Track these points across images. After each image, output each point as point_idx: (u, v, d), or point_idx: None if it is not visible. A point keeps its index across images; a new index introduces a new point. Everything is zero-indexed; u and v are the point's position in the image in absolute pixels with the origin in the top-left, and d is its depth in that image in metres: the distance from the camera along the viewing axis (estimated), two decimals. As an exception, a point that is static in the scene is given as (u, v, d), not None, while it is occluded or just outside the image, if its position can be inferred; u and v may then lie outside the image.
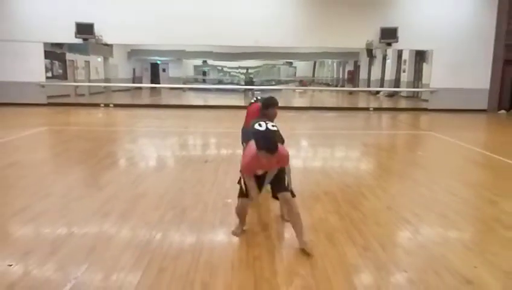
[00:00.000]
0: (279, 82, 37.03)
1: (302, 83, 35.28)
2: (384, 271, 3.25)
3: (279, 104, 4.87)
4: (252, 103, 5.40)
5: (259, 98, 5.51)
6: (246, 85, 26.00)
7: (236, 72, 36.89)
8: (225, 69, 38.81)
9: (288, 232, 3.96)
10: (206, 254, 3.42)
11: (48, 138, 9.87)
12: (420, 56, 21.11)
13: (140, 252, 3.45)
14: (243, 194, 3.73)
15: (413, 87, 21.88)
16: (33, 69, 15.75)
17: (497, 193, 5.49)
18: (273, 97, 4.90)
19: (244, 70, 34.86)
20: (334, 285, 3.03)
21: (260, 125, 3.83)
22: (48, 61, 17.59)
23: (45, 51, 16.29)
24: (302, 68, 41.94)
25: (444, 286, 3.01)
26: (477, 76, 16.01)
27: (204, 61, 36.08)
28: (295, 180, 4.25)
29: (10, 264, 3.21)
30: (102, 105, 16.68)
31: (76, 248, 3.55)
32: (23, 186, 5.46)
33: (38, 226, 4.08)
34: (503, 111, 15.88)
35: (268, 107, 4.75)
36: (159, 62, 33.50)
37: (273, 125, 3.89)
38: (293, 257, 3.47)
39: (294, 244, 3.61)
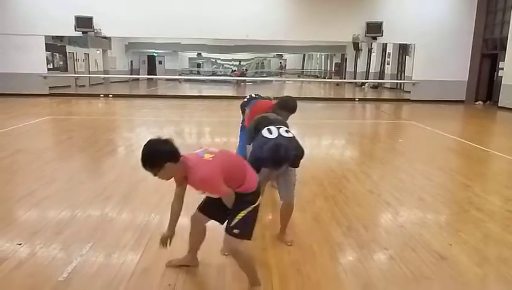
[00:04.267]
0: (269, 74, 36.98)
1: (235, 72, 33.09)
2: (366, 249, 3.34)
3: (271, 95, 4.67)
4: (257, 98, 4.58)
5: (254, 95, 4.83)
6: (239, 76, 26.00)
7: (230, 65, 36.74)
8: (219, 61, 38.60)
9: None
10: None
11: (51, 127, 9.83)
12: (403, 49, 21.19)
13: (141, 233, 3.51)
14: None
15: (396, 79, 21.98)
16: (35, 61, 15.58)
17: (470, 177, 5.63)
18: (294, 99, 4.05)
19: (237, 63, 34.75)
20: (319, 261, 3.12)
21: (270, 132, 3.17)
22: (49, 53, 17.40)
23: (46, 44, 16.10)
24: (292, 61, 41.89)
25: (421, 261, 3.11)
26: (456, 69, 16.15)
27: (199, 54, 35.84)
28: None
29: (19, 243, 3.25)
30: (101, 96, 16.58)
31: (80, 229, 3.60)
32: (29, 171, 5.48)
33: (44, 209, 4.11)
34: (479, 102, 16.05)
35: (283, 109, 3.90)
36: (155, 55, 33.24)
37: (286, 131, 3.26)
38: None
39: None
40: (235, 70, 33.21)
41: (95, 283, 2.72)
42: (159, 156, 2.27)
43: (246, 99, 5.06)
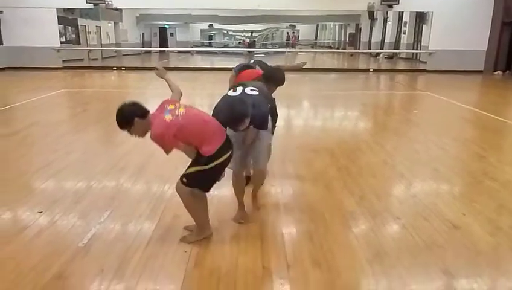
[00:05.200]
0: (282, 45, 36.44)
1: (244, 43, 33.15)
2: (378, 218, 3.36)
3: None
4: (245, 67, 4.03)
5: (252, 62, 4.29)
6: (248, 47, 25.71)
7: (242, 36, 36.27)
8: (230, 32, 38.13)
9: (293, 186, 4.07)
10: (215, 204, 3.53)
11: (65, 100, 9.93)
12: (420, 18, 20.55)
13: (156, 203, 3.57)
14: None
15: (413, 49, 21.41)
16: (48, 34, 15.58)
17: (485, 147, 5.55)
18: (281, 70, 3.69)
19: (249, 34, 34.28)
20: (332, 229, 3.15)
21: (235, 90, 3.00)
22: (61, 26, 17.35)
23: (58, 17, 16.05)
24: (305, 31, 41.10)
25: (434, 231, 3.12)
26: (475, 38, 15.58)
27: (210, 25, 35.40)
28: (296, 138, 4.10)
29: (39, 211, 3.36)
30: (114, 68, 16.59)
31: (97, 198, 3.69)
32: (45, 144, 5.58)
33: (61, 180, 4.21)
34: (498, 72, 15.59)
35: (269, 81, 3.51)
36: (166, 27, 32.92)
37: (252, 89, 2.97)
38: (296, 206, 3.59)
39: (297, 196, 3.71)
40: (241, 41, 32.91)
41: (113, 249, 2.80)
42: (127, 113, 2.62)
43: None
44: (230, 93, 2.99)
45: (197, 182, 2.77)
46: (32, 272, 2.55)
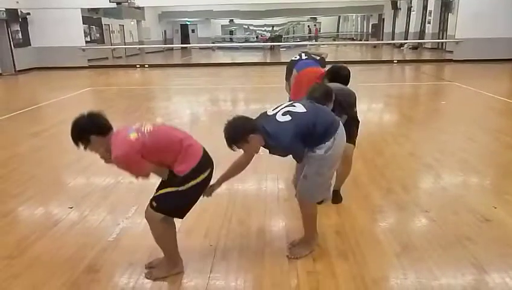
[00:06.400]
0: (303, 38, 36.13)
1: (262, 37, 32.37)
2: (406, 211, 3.30)
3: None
4: (307, 64, 3.72)
5: (305, 56, 4.08)
6: (272, 41, 25.60)
7: (263, 31, 36.12)
8: (251, 27, 38.02)
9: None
10: (241, 197, 3.55)
11: (92, 97, 10.17)
12: (446, 6, 19.97)
13: (182, 197, 3.61)
14: None
15: (438, 39, 20.85)
16: (73, 34, 15.97)
17: (517, 138, 5.36)
18: (346, 68, 3.36)
19: (270, 28, 34.13)
20: (359, 223, 3.12)
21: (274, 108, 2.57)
22: (86, 26, 17.72)
23: (83, 17, 16.39)
24: (327, 24, 40.60)
25: (463, 223, 3.04)
26: (504, 24, 14.98)
27: (231, 21, 35.39)
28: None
29: (70, 207, 3.46)
30: (138, 66, 16.84)
31: (124, 193, 3.77)
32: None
33: (90, 176, 4.32)
34: (529, 59, 14.97)
35: (334, 81, 3.20)
36: (188, 23, 33.15)
37: (284, 113, 2.49)
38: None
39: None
40: (259, 36, 32.75)
41: (142, 243, 2.85)
42: (82, 130, 2.26)
43: (294, 58, 4.35)
44: (270, 112, 2.55)
45: (169, 205, 2.36)
46: (66, 265, 2.63)
